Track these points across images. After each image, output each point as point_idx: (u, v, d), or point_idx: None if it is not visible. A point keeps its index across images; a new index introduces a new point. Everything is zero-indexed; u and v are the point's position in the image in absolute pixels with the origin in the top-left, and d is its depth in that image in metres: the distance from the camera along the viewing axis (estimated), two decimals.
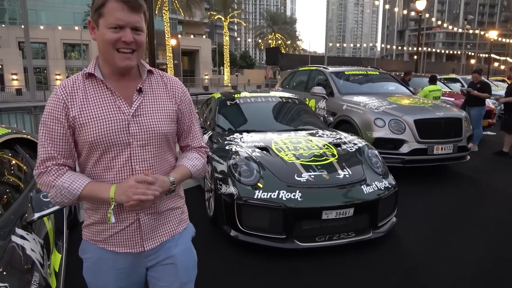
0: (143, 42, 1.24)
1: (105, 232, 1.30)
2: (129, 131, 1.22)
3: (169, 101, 1.33)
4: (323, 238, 3.15)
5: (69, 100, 1.19)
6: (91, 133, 1.19)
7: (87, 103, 1.20)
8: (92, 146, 1.20)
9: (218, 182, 3.42)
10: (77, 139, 1.22)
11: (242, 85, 42.04)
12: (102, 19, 1.17)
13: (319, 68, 7.48)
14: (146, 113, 1.26)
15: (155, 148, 1.28)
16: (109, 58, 1.21)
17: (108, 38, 1.16)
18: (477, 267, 3.01)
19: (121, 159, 1.23)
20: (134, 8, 1.17)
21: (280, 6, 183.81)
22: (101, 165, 1.23)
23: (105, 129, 1.19)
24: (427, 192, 4.90)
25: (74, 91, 1.20)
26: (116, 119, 1.21)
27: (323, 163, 3.50)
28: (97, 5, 1.17)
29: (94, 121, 1.19)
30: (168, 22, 38.56)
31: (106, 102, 1.22)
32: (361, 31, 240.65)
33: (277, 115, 4.77)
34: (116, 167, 1.23)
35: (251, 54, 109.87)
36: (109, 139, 1.20)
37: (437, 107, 5.62)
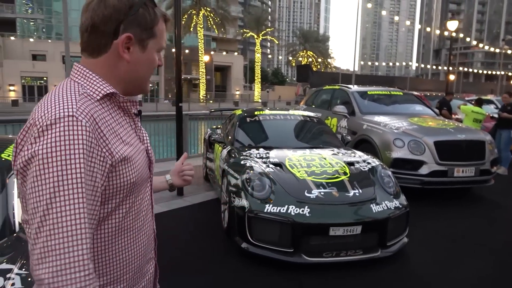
0: None
1: None
2: (150, 161, 1.04)
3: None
4: (330, 254, 3.22)
5: (102, 129, 0.84)
6: (134, 170, 0.91)
7: (119, 132, 0.91)
8: (132, 188, 0.91)
9: (232, 195, 3.58)
10: (114, 183, 0.87)
11: (272, 102, 42.41)
12: (154, 40, 0.95)
13: (342, 87, 7.57)
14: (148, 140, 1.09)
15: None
16: (140, 84, 0.99)
17: (155, 64, 0.99)
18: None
19: (146, 197, 1.01)
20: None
21: (314, 24, 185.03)
22: (133, 212, 0.94)
23: (142, 163, 0.96)
24: (445, 215, 4.84)
25: (102, 117, 0.86)
26: (142, 149, 0.99)
27: (334, 181, 3.59)
28: (150, 23, 0.94)
29: (135, 155, 0.93)
30: (202, 39, 39.76)
31: (131, 129, 0.97)
32: (395, 49, 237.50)
33: (294, 133, 4.91)
34: (144, 208, 1.00)
35: (283, 71, 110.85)
36: (143, 175, 0.97)
37: (459, 129, 5.57)
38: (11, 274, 1.47)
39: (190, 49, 42.03)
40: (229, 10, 42.94)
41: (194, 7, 38.39)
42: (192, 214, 4.68)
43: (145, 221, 1.00)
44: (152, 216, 1.08)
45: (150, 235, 1.04)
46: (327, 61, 61.04)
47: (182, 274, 3.07)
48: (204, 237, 3.88)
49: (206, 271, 3.19)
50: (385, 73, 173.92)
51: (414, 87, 34.80)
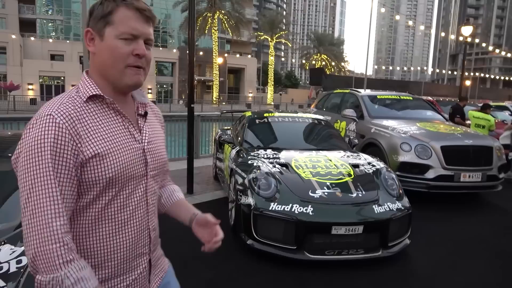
0: (150, 60, 1.08)
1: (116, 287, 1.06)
2: (146, 161, 1.08)
3: (159, 127, 1.23)
4: (332, 252, 3.33)
5: (76, 128, 0.93)
6: (111, 167, 0.98)
7: (100, 132, 0.98)
8: (110, 183, 0.98)
9: (238, 193, 3.72)
10: (88, 176, 0.95)
11: (285, 104, 42.49)
12: (110, 27, 0.99)
13: (352, 91, 7.66)
14: (154, 141, 1.13)
15: (159, 177, 1.17)
16: (114, 74, 1.02)
17: (120, 51, 0.99)
18: None
19: (138, 193, 1.06)
20: (149, 19, 1.03)
21: (329, 28, 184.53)
22: (115, 204, 1.01)
23: (125, 161, 1.01)
24: (451, 219, 4.89)
25: (80, 118, 0.96)
26: (133, 148, 1.04)
27: (338, 182, 3.70)
28: (104, 12, 1.00)
29: (114, 152, 0.99)
30: (217, 41, 40.15)
31: (119, 128, 1.03)
32: (411, 53, 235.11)
33: (302, 135, 5.03)
34: (133, 203, 1.05)
35: (296, 74, 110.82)
36: (129, 172, 1.02)
37: (467, 135, 5.60)
38: None
39: (204, 51, 42.47)
40: (244, 13, 43.26)
41: (209, 10, 38.84)
42: (201, 211, 4.83)
43: (134, 216, 1.05)
44: (147, 213, 1.10)
45: (141, 230, 1.08)
46: (341, 65, 60.82)
47: (190, 267, 3.22)
48: None
49: (212, 266, 3.33)
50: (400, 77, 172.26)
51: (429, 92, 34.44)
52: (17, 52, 37.89)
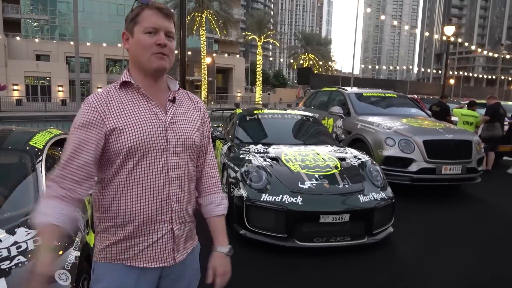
0: (173, 49, 1.29)
1: (135, 247, 1.24)
2: (167, 137, 1.24)
3: (196, 113, 1.39)
4: (321, 240, 3.52)
5: (104, 107, 1.20)
6: (130, 138, 1.19)
7: (123, 109, 1.21)
8: (130, 151, 1.19)
9: (231, 186, 3.89)
10: (112, 147, 1.19)
11: (273, 103, 42.72)
12: (138, 26, 1.23)
13: (339, 89, 7.89)
14: (180, 122, 1.30)
15: (188, 156, 1.31)
16: (143, 61, 1.24)
17: (145, 42, 1.22)
18: (461, 277, 3.28)
19: (159, 165, 1.23)
20: (167, 15, 1.25)
21: (316, 27, 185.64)
22: (137, 172, 1.21)
23: (144, 133, 1.20)
24: (432, 209, 5.15)
25: (109, 100, 1.22)
26: (155, 124, 1.23)
27: (326, 174, 3.90)
28: (133, 15, 1.25)
29: (133, 126, 1.20)
30: (205, 41, 40.15)
31: (143, 108, 1.24)
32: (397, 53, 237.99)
33: (291, 131, 5.23)
34: (154, 173, 1.22)
35: (284, 73, 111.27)
36: (148, 144, 1.21)
37: (448, 130, 5.87)
38: None
39: (192, 51, 42.41)
40: (232, 13, 43.31)
41: (197, 10, 38.78)
42: None
43: (154, 184, 1.23)
44: (168, 184, 1.25)
45: (162, 199, 1.24)
46: (328, 64, 61.34)
47: None
48: (206, 225, 4.18)
49: (207, 255, 3.49)
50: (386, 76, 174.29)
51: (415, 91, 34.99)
52: (1, 52, 37.27)
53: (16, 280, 1.46)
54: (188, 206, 1.34)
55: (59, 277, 1.52)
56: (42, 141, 2.59)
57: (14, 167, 2.39)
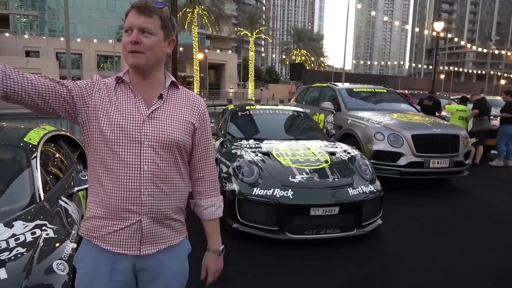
0: (151, 45, 1.28)
1: (104, 229, 1.30)
2: (142, 130, 1.27)
3: (190, 113, 1.38)
4: (311, 232, 3.62)
5: (99, 87, 1.32)
6: (104, 123, 1.26)
7: (111, 98, 1.31)
8: (103, 136, 1.26)
9: (224, 180, 3.96)
10: (90, 128, 1.28)
11: (266, 99, 42.78)
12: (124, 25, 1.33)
13: (330, 85, 7.98)
14: (162, 118, 1.32)
15: (166, 153, 1.31)
16: (125, 60, 1.32)
17: (123, 41, 1.31)
18: (445, 266, 3.40)
19: (131, 155, 1.26)
20: (142, 12, 1.27)
21: (308, 23, 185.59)
22: (110, 157, 1.27)
23: (119, 122, 1.27)
24: (420, 202, 5.27)
25: (105, 88, 1.33)
26: (133, 116, 1.28)
27: (316, 168, 3.99)
28: (125, 16, 1.33)
29: (111, 113, 1.27)
30: (197, 37, 40.00)
31: (128, 102, 1.31)
32: (389, 48, 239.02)
33: (282, 126, 5.30)
34: (125, 162, 1.26)
35: (277, 69, 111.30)
36: (122, 131, 1.26)
37: (436, 124, 6.00)
38: (45, 227, 1.84)
39: (184, 46, 42.19)
40: (224, 9, 43.19)
41: (188, 5, 38.59)
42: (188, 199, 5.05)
43: (124, 172, 1.26)
44: (139, 177, 1.27)
45: (131, 189, 1.27)
46: (320, 60, 61.48)
47: None
48: (198, 220, 4.25)
49: (201, 247, 3.56)
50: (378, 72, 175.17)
51: (406, 86, 35.37)
52: None
53: (15, 269, 1.52)
54: (167, 203, 1.34)
55: (57, 267, 1.58)
56: (37, 137, 2.63)
57: (9, 163, 2.43)
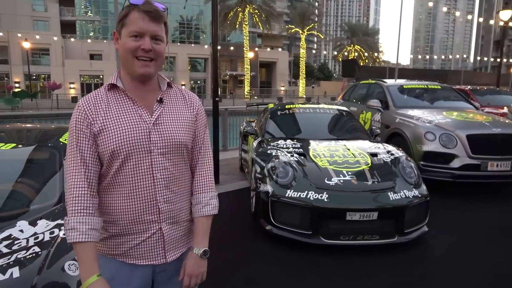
0: (161, 52, 1.27)
1: (125, 244, 1.28)
2: (150, 139, 1.25)
3: (187, 112, 1.37)
4: (347, 238, 3.43)
5: (91, 110, 1.23)
6: (113, 141, 1.21)
7: (109, 112, 1.24)
8: (113, 154, 1.22)
9: (258, 181, 3.89)
10: (99, 148, 1.23)
11: (317, 97, 42.11)
12: (124, 28, 1.24)
13: (378, 81, 7.60)
14: (166, 122, 1.29)
15: (175, 157, 1.31)
16: (128, 66, 1.25)
17: (129, 46, 1.22)
18: (496, 279, 3.06)
19: (143, 166, 1.25)
20: (154, 18, 1.22)
21: (363, 17, 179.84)
22: (123, 174, 1.24)
23: (126, 136, 1.22)
24: (473, 208, 4.82)
25: (97, 102, 1.24)
26: (138, 127, 1.24)
27: (355, 170, 3.78)
28: (121, 16, 1.25)
29: (116, 129, 1.22)
30: (248, 35, 40.33)
31: (128, 111, 1.26)
32: (452, 41, 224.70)
33: (322, 125, 5.11)
34: (138, 174, 1.24)
35: (330, 66, 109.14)
36: (130, 146, 1.22)
37: (496, 123, 5.46)
38: (63, 227, 1.89)
39: (235, 46, 42.81)
40: (275, 6, 43.15)
41: (239, 4, 39.02)
42: (226, 200, 5.04)
43: (139, 185, 1.25)
44: (154, 185, 1.26)
45: (148, 200, 1.26)
46: (375, 55, 59.29)
47: (211, 247, 3.44)
48: (234, 220, 4.23)
49: (232, 247, 3.54)
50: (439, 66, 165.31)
51: (469, 81, 32.84)
52: (59, 53, 39.92)
53: (29, 269, 1.56)
54: (181, 205, 1.35)
55: (69, 267, 1.60)
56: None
57: (44, 162, 2.54)
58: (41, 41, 38.34)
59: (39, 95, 28.31)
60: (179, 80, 44.67)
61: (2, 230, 1.81)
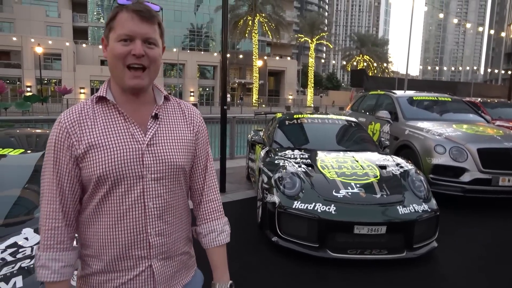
0: (156, 58, 1.10)
1: (110, 283, 1.11)
2: (143, 162, 1.07)
3: (187, 130, 1.19)
4: (355, 252, 3.37)
5: (75, 129, 1.05)
6: (100, 164, 1.04)
7: (95, 130, 1.06)
8: (100, 179, 1.04)
9: (265, 191, 3.86)
10: (83, 172, 1.06)
11: (324, 106, 42.05)
12: (112, 32, 1.07)
13: (387, 92, 7.55)
14: (162, 143, 1.12)
15: (171, 182, 1.13)
16: (118, 76, 1.08)
17: (117, 52, 1.05)
18: None
19: (132, 194, 1.07)
20: (145, 18, 1.06)
21: (372, 28, 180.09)
22: (109, 202, 1.07)
23: (116, 159, 1.05)
24: (484, 223, 4.72)
25: (82, 118, 1.06)
26: (129, 148, 1.06)
27: (363, 182, 3.73)
28: (108, 19, 1.09)
29: (104, 150, 1.04)
30: (257, 44, 40.57)
31: (118, 128, 1.08)
32: (462, 53, 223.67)
33: (330, 136, 5.07)
34: (127, 203, 1.07)
35: (338, 75, 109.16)
36: (120, 171, 1.05)
37: (507, 137, 5.37)
38: None
39: (244, 54, 43.04)
40: (284, 16, 43.37)
41: (249, 13, 39.32)
42: (232, 209, 5.01)
43: (127, 216, 1.07)
44: (144, 216, 1.09)
45: (136, 233, 1.09)
46: (384, 66, 59.16)
47: None
48: (240, 230, 4.19)
49: (238, 259, 3.50)
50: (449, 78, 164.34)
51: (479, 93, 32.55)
52: (70, 59, 40.48)
53: (32, 279, 1.54)
54: (175, 237, 1.18)
55: (73, 278, 1.58)
56: None
57: None
58: (53, 46, 38.94)
59: (49, 99, 28.64)
60: (188, 87, 44.96)
61: (8, 238, 1.80)
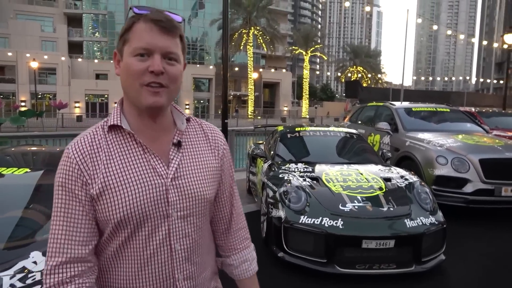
0: (176, 76, 0.94)
1: None
2: (168, 199, 0.95)
3: (212, 156, 1.06)
4: (363, 266, 3.32)
5: (87, 163, 0.90)
6: (119, 207, 0.90)
7: (112, 166, 0.91)
8: (120, 223, 0.91)
9: (270, 206, 3.81)
10: (99, 215, 0.92)
11: (320, 118, 42.23)
12: (127, 45, 0.92)
13: (386, 104, 7.58)
14: (187, 175, 0.98)
15: (198, 219, 1.01)
16: (132, 95, 0.93)
17: (133, 68, 0.90)
18: None
19: (157, 237, 0.94)
20: (166, 29, 0.91)
21: (365, 39, 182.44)
22: (130, 247, 0.94)
23: (138, 200, 0.91)
24: (489, 235, 4.69)
25: (94, 151, 0.92)
26: (152, 185, 0.93)
27: (369, 195, 3.70)
28: (123, 30, 0.94)
29: (123, 190, 0.90)
30: (252, 56, 40.85)
31: (138, 162, 0.93)
32: (453, 63, 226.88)
33: (333, 149, 5.06)
34: (151, 247, 0.94)
35: (332, 86, 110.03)
36: (143, 213, 0.92)
37: (508, 147, 5.38)
38: None
39: (240, 66, 43.28)
40: (279, 29, 43.84)
41: (244, 26, 39.71)
42: None
43: (152, 261, 0.95)
44: (171, 259, 0.97)
45: (162, 279, 0.97)
46: (377, 77, 59.75)
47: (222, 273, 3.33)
48: None
49: None
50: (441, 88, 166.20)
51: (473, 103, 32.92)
52: (65, 73, 40.44)
53: None
54: (203, 277, 1.07)
55: None
56: None
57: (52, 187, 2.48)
58: (48, 61, 38.89)
59: (44, 114, 28.50)
60: (183, 100, 44.96)
61: (16, 262, 1.74)
